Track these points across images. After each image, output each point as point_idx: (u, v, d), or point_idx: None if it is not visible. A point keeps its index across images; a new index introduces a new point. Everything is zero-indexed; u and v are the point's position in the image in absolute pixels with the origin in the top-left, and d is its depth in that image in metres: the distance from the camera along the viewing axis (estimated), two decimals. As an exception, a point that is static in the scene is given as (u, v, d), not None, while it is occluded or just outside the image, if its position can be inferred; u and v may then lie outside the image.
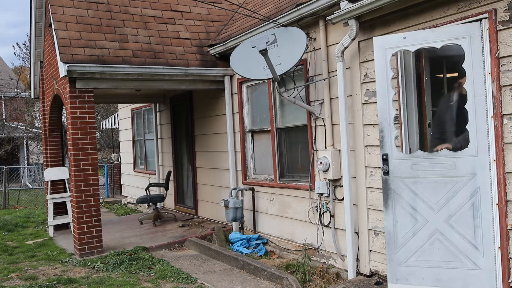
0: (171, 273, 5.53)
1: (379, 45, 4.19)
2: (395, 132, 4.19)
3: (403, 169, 4.14)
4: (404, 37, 4.07)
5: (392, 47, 4.13)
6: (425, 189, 4.06)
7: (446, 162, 3.97)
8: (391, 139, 4.18)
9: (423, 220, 4.09)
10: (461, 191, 3.92)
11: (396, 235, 4.20)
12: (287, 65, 5.31)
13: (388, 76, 4.16)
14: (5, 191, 13.76)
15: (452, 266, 3.99)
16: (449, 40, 3.88)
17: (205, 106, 8.18)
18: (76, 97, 6.36)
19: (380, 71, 4.20)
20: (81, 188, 6.42)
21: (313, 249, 5.67)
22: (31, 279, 5.49)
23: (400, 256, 4.19)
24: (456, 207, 3.95)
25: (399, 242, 4.19)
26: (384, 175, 4.22)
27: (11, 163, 22.08)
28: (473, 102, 3.80)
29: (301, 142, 5.97)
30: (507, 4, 3.56)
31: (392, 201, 4.20)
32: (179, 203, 9.63)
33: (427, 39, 3.96)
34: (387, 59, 4.16)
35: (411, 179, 4.12)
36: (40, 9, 7.79)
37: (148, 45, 6.95)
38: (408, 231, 4.15)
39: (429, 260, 4.07)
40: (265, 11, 6.42)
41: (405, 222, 4.15)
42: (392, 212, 4.21)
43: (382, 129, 4.21)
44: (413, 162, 4.11)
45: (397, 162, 4.17)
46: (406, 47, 4.07)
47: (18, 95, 21.73)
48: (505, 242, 3.69)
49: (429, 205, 4.06)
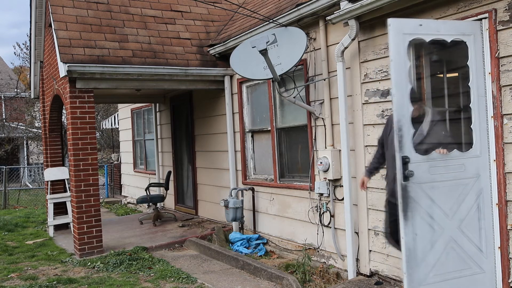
0: (171, 273, 5.53)
1: (396, 29, 3.59)
2: (412, 131, 3.66)
3: (421, 173, 3.62)
4: (420, 24, 3.66)
5: (409, 33, 3.64)
6: (440, 194, 3.69)
7: (457, 164, 3.73)
8: (409, 138, 3.63)
9: (439, 228, 3.70)
10: (470, 193, 3.75)
11: (415, 250, 3.65)
12: (287, 65, 5.32)
13: (406, 66, 3.62)
14: (5, 191, 13.76)
15: (463, 274, 3.76)
16: (457, 35, 3.70)
17: (205, 106, 8.18)
18: (76, 97, 6.36)
19: (396, 59, 3.59)
20: (81, 188, 6.42)
21: (313, 249, 5.67)
22: (31, 279, 5.49)
23: (420, 274, 3.66)
24: (465, 210, 3.75)
25: (418, 257, 3.65)
26: (403, 182, 3.59)
27: (11, 163, 22.08)
28: (477, 101, 3.76)
29: (301, 142, 5.97)
30: (507, 4, 3.56)
31: (412, 211, 3.63)
32: (179, 203, 9.63)
33: (440, 31, 3.68)
34: (405, 46, 3.60)
35: (428, 184, 3.66)
36: (40, 9, 7.79)
37: (148, 45, 6.95)
38: (426, 243, 3.67)
39: (445, 273, 3.72)
40: (265, 11, 6.42)
41: (424, 233, 3.66)
42: (412, 224, 3.63)
43: (401, 127, 3.59)
44: (430, 165, 3.66)
45: (415, 165, 3.62)
46: (421, 36, 3.67)
47: (18, 95, 21.73)
48: (505, 242, 3.69)
49: (444, 211, 3.72)
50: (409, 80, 3.64)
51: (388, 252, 4.64)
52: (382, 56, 4.60)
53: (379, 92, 4.63)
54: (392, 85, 3.62)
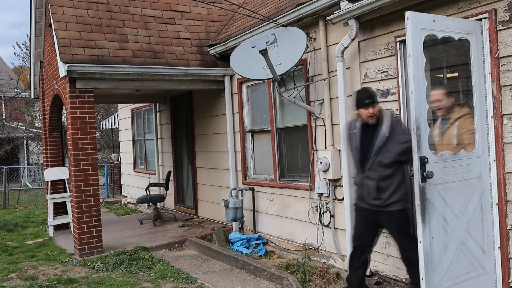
0: (171, 273, 5.53)
1: (414, 23, 3.47)
2: (428, 130, 3.53)
3: (436, 174, 3.50)
4: (434, 20, 3.57)
5: (425, 28, 3.53)
6: (452, 195, 3.62)
7: (464, 164, 3.69)
8: (426, 138, 3.48)
9: (451, 231, 3.62)
10: (475, 194, 3.74)
11: (432, 254, 3.51)
12: (287, 65, 5.32)
13: (423, 62, 3.50)
14: (5, 191, 13.77)
15: (470, 276, 3.72)
16: (463, 33, 3.67)
17: (205, 106, 8.18)
18: (76, 97, 6.36)
19: (415, 55, 3.45)
20: (81, 188, 6.42)
21: (313, 249, 5.66)
22: (31, 279, 5.49)
23: (436, 279, 3.54)
24: (472, 211, 3.72)
25: (434, 262, 3.54)
26: (421, 183, 3.45)
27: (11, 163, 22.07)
28: (479, 101, 3.75)
29: (301, 142, 5.97)
30: (507, 4, 3.56)
31: (429, 213, 3.49)
32: (179, 203, 9.63)
33: (449, 28, 3.63)
34: (422, 41, 3.50)
35: (442, 185, 3.57)
36: (40, 9, 7.79)
37: (148, 45, 6.95)
38: (441, 247, 3.57)
39: (456, 276, 3.65)
40: (265, 11, 6.42)
41: (439, 237, 3.56)
42: (429, 227, 3.49)
43: (419, 126, 3.44)
44: (443, 165, 3.57)
45: (431, 166, 3.48)
46: (435, 32, 3.58)
47: (18, 95, 21.73)
48: (505, 242, 3.69)
49: (455, 213, 3.65)
50: (425, 78, 3.51)
51: (388, 252, 4.64)
52: (382, 56, 4.60)
53: (379, 92, 4.63)
54: (409, 82, 3.48)
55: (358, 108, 4.00)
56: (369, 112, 3.92)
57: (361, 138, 4.04)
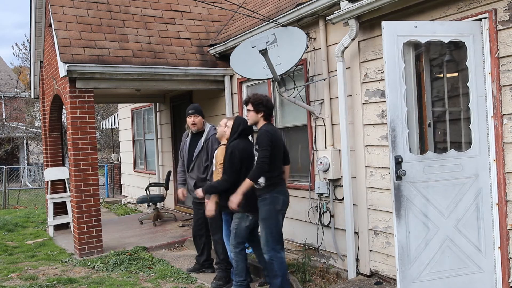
0: (171, 273, 5.54)
1: (390, 31, 3.76)
2: (407, 132, 3.79)
3: (415, 172, 3.74)
4: (415, 26, 3.78)
5: (404, 35, 3.77)
6: (436, 194, 3.78)
7: (454, 164, 3.81)
8: (403, 139, 3.75)
9: (434, 227, 3.79)
10: (468, 193, 3.79)
11: (409, 248, 3.75)
12: (287, 65, 5.31)
13: (400, 67, 3.76)
14: (5, 191, 13.77)
15: (460, 273, 3.81)
16: (455, 36, 3.76)
17: (205, 106, 8.17)
18: (76, 97, 6.36)
19: (390, 61, 3.74)
20: (81, 188, 6.42)
21: (313, 249, 5.66)
22: (31, 279, 5.49)
23: (413, 271, 3.77)
24: (463, 210, 3.81)
25: (412, 255, 3.76)
26: (396, 181, 3.72)
27: (11, 163, 22.09)
28: (476, 101, 3.77)
29: (301, 142, 5.97)
30: (507, 4, 3.56)
31: (405, 209, 3.74)
32: (179, 203, 9.62)
33: (436, 32, 3.76)
34: (399, 48, 3.76)
35: (423, 184, 3.76)
36: (40, 9, 7.80)
37: (148, 45, 6.95)
38: (420, 242, 3.78)
39: (440, 271, 3.80)
40: (265, 11, 6.42)
41: (418, 232, 3.76)
42: (405, 222, 3.74)
43: (394, 128, 3.74)
44: (425, 164, 3.77)
45: (409, 165, 3.74)
46: (417, 37, 3.79)
47: (18, 95, 21.73)
48: (505, 242, 3.69)
49: (439, 210, 3.80)
50: (403, 82, 3.77)
51: (388, 252, 4.64)
52: (382, 56, 4.59)
53: (379, 92, 4.63)
54: (385, 86, 3.76)
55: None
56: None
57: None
